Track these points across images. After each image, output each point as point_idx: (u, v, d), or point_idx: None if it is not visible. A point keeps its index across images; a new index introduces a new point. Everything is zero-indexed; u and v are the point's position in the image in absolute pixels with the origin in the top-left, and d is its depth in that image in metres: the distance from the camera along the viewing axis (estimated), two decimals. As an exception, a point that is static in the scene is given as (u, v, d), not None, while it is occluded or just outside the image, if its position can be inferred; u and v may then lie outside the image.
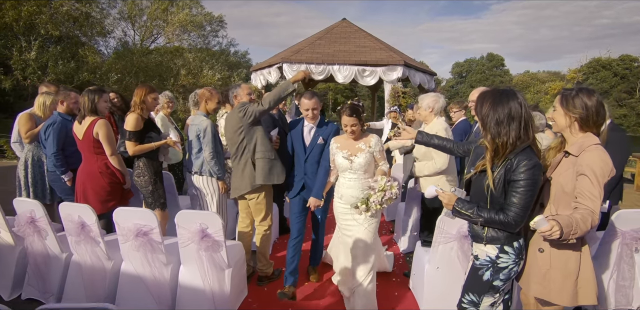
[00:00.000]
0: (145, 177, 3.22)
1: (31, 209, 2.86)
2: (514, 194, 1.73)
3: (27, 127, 3.99)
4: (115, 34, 19.30)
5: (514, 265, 1.83)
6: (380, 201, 2.56)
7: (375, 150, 2.85)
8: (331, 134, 3.08)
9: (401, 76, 8.92)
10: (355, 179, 2.83)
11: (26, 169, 4.01)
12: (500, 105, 1.76)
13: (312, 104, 2.99)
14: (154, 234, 2.66)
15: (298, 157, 3.17)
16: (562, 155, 1.91)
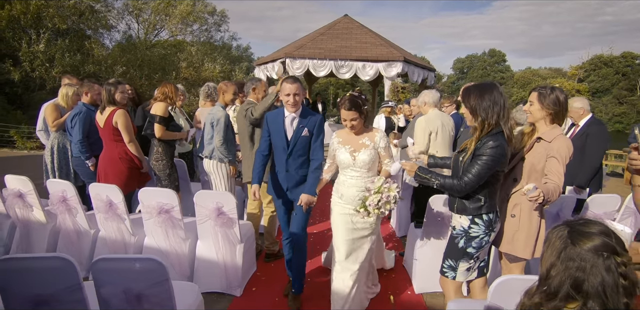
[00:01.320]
0: (163, 161, 3.55)
1: (63, 189, 3.19)
2: (474, 164, 2.07)
3: (53, 116, 4.29)
4: (119, 28, 19.51)
5: (484, 235, 2.16)
6: (377, 204, 2.39)
7: (380, 147, 2.66)
8: (317, 124, 2.80)
9: (401, 72, 9.19)
10: (357, 177, 2.65)
11: (52, 155, 4.33)
12: (486, 94, 2.10)
13: (294, 89, 2.68)
14: (174, 212, 2.99)
15: (278, 152, 2.83)
16: (535, 141, 2.28)
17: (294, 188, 2.84)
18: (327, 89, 38.03)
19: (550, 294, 1.03)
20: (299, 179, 2.83)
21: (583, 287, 1.00)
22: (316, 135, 2.80)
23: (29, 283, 1.66)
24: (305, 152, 2.81)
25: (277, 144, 2.82)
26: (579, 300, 1.00)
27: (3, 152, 11.00)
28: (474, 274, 2.28)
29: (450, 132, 3.84)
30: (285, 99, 2.72)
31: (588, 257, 1.00)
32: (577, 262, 1.01)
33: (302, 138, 2.77)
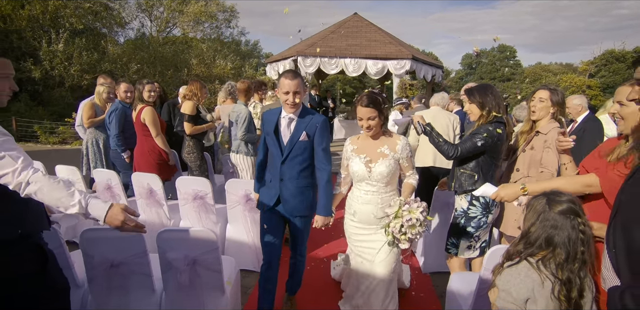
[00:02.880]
0: (194, 154, 3.94)
1: (108, 177, 3.59)
2: (468, 140, 2.45)
3: (88, 114, 4.69)
4: (133, 25, 19.99)
5: (481, 216, 2.50)
6: (400, 230, 2.06)
7: (402, 157, 2.29)
8: (319, 127, 2.35)
9: (409, 69, 9.46)
10: (373, 192, 2.29)
11: (87, 149, 4.76)
12: (488, 91, 2.52)
13: (295, 86, 2.24)
14: (207, 198, 3.37)
15: (272, 157, 2.46)
16: (534, 135, 2.62)
17: (286, 201, 2.42)
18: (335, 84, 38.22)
19: (528, 243, 1.40)
20: (294, 190, 2.41)
21: (554, 239, 1.36)
22: (319, 139, 2.36)
23: (106, 250, 2.04)
24: (304, 160, 2.39)
25: (271, 148, 2.44)
26: (548, 249, 1.35)
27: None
28: (476, 252, 2.62)
29: (450, 127, 4.18)
30: (283, 97, 2.29)
31: (559, 218, 1.36)
32: (551, 222, 1.37)
33: (299, 143, 2.34)
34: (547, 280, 1.34)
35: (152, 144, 4.00)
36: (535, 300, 1.35)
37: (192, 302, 2.16)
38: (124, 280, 2.10)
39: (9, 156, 1.41)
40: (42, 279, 1.59)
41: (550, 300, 1.33)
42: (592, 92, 38.81)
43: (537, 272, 1.36)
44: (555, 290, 1.33)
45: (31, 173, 1.44)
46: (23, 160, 1.45)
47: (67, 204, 1.47)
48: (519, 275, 1.39)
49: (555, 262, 1.35)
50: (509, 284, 1.39)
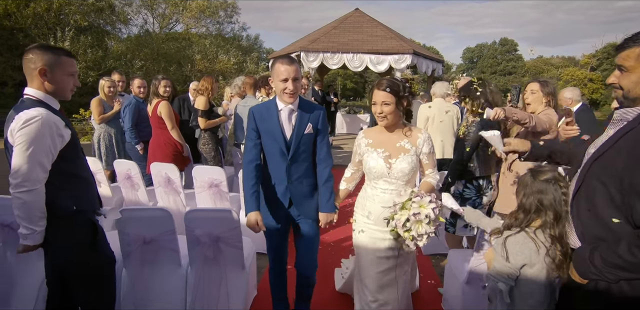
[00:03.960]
0: (209, 145, 4.19)
1: (128, 167, 3.83)
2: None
3: (97, 110, 4.91)
4: (136, 22, 20.15)
5: (476, 198, 2.73)
6: (404, 224, 1.83)
7: (423, 152, 2.09)
8: (321, 117, 2.18)
9: (410, 64, 9.64)
10: (393, 191, 2.07)
11: (99, 142, 5.00)
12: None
13: (293, 71, 2.02)
14: (222, 186, 3.61)
15: (274, 158, 2.19)
16: None
17: (299, 203, 2.21)
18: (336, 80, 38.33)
19: (525, 211, 1.62)
20: (304, 190, 2.21)
21: (544, 202, 1.57)
22: (322, 132, 2.20)
23: (140, 227, 2.29)
24: (309, 155, 2.22)
25: (272, 147, 2.16)
26: (540, 214, 1.56)
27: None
28: (472, 231, 2.86)
29: (453, 118, 4.43)
30: (280, 86, 2.04)
31: (543, 185, 1.58)
32: (537, 188, 1.59)
33: (305, 137, 2.15)
34: (542, 248, 1.56)
35: (167, 136, 4.23)
36: (532, 265, 1.56)
37: (215, 275, 2.41)
38: (155, 255, 2.36)
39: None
40: (93, 249, 1.83)
41: (544, 263, 1.55)
42: (594, 86, 38.78)
43: (534, 241, 1.57)
44: (549, 253, 1.55)
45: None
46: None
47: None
48: (517, 244, 1.59)
49: (548, 227, 1.57)
50: (508, 252, 1.59)
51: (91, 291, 1.87)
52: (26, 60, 1.72)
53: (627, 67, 1.35)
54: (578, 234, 1.48)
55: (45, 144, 1.62)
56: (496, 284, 1.59)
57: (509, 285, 1.58)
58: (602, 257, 1.34)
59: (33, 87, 1.73)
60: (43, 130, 1.61)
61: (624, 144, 1.35)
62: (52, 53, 1.71)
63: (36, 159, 1.61)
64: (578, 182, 1.48)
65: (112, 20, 18.61)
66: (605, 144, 1.43)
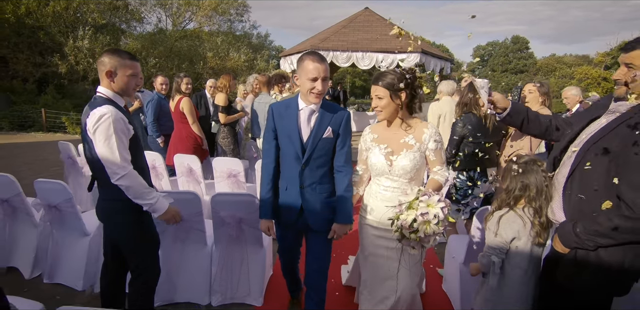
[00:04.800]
0: (228, 139, 4.51)
1: (153, 158, 4.15)
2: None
3: None
4: (149, 20, 20.62)
5: (467, 188, 3.00)
6: (411, 225, 1.71)
7: (429, 149, 2.00)
8: (343, 122, 2.05)
9: (418, 62, 9.83)
10: (395, 189, 2.02)
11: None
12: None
13: (325, 70, 1.91)
14: (240, 176, 3.91)
15: (289, 160, 2.07)
16: None
17: (311, 212, 2.08)
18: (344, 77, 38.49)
19: (512, 192, 1.86)
20: (317, 198, 2.07)
21: (526, 181, 1.81)
22: (343, 137, 2.06)
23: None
24: (327, 161, 2.07)
25: (287, 148, 2.05)
26: (526, 192, 1.80)
27: (58, 136, 12.31)
28: (465, 215, 3.12)
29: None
30: (307, 85, 1.91)
31: (524, 167, 1.83)
32: (519, 171, 1.83)
33: (323, 140, 2.01)
34: (528, 223, 1.81)
35: (189, 130, 4.55)
36: (520, 238, 1.81)
37: (238, 253, 2.71)
38: (185, 234, 2.66)
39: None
40: (142, 229, 2.09)
41: (530, 236, 1.80)
42: (608, 85, 38.26)
43: (521, 218, 1.82)
44: (534, 227, 1.80)
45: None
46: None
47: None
48: (507, 220, 1.84)
49: (531, 202, 1.81)
50: (500, 228, 1.84)
51: (140, 263, 2.13)
52: (99, 62, 1.98)
53: (637, 66, 1.52)
54: (566, 209, 1.70)
55: (119, 135, 1.88)
56: (490, 257, 1.85)
57: (500, 258, 1.82)
58: (584, 226, 1.56)
59: (103, 86, 1.99)
60: (115, 124, 1.87)
61: (620, 131, 1.56)
62: (118, 56, 1.95)
63: (117, 148, 1.87)
64: (574, 163, 1.67)
65: (127, 19, 19.11)
66: (603, 131, 1.63)
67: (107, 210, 2.07)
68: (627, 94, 1.62)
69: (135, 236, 2.09)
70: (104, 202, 2.07)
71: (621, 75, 1.61)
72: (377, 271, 2.07)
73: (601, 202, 1.54)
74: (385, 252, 2.05)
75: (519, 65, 48.18)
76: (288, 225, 2.17)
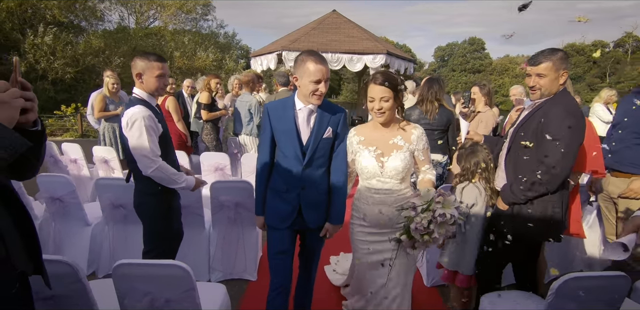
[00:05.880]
0: (211, 135, 4.79)
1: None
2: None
3: (99, 106, 5.31)
4: (110, 18, 20.01)
5: (442, 169, 3.52)
6: (427, 228, 1.69)
7: (418, 149, 2.03)
8: (341, 121, 2.04)
9: (384, 63, 10.45)
10: (386, 191, 2.02)
11: (103, 135, 5.45)
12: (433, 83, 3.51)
13: (327, 72, 1.90)
14: (226, 169, 4.22)
15: (288, 161, 2.02)
16: (476, 114, 3.83)
17: (308, 212, 2.06)
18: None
19: (468, 168, 2.35)
20: (316, 198, 2.07)
21: (476, 159, 2.31)
22: (341, 137, 2.06)
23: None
24: (326, 161, 2.07)
25: (287, 149, 2.01)
26: (479, 167, 2.30)
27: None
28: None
29: None
30: (310, 87, 1.87)
31: (471, 148, 2.34)
32: (468, 152, 2.35)
33: (324, 141, 2.00)
34: (482, 192, 2.32)
35: (174, 128, 4.78)
36: (477, 204, 2.31)
37: (235, 234, 3.05)
38: (185, 218, 2.96)
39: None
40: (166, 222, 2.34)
41: (484, 202, 2.31)
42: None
43: (477, 188, 2.32)
44: (488, 194, 2.31)
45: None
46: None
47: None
48: (467, 191, 2.33)
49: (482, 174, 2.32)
50: (463, 197, 2.31)
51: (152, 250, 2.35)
52: (131, 66, 2.22)
53: (546, 75, 2.08)
54: (507, 175, 2.22)
55: (149, 132, 2.10)
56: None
57: (463, 220, 2.23)
58: (517, 184, 2.08)
59: (137, 87, 2.20)
60: (145, 122, 2.09)
61: (537, 114, 2.11)
62: (146, 59, 2.14)
63: (148, 144, 2.09)
64: (509, 143, 2.22)
65: (85, 15, 18.43)
66: (525, 117, 2.18)
67: (138, 201, 2.32)
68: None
69: (159, 228, 2.32)
70: (137, 194, 2.31)
71: (536, 83, 2.14)
72: (372, 274, 2.04)
73: (529, 168, 2.07)
74: (383, 256, 2.03)
75: (476, 65, 50.80)
76: (287, 227, 2.08)
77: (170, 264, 1.55)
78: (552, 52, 2.10)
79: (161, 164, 2.15)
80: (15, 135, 0.93)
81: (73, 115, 12.36)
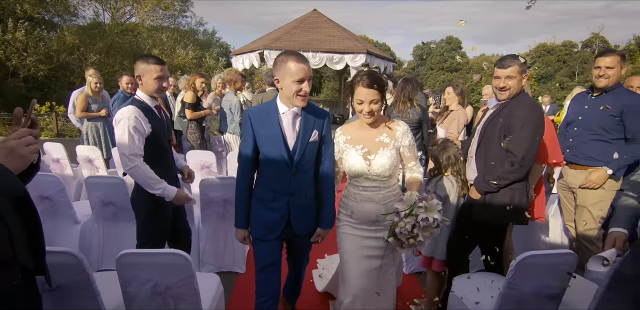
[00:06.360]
0: (195, 134, 4.87)
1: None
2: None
3: (82, 105, 5.28)
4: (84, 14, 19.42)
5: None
6: (410, 232, 1.71)
7: (403, 145, 2.05)
8: (326, 124, 2.02)
9: (364, 62, 10.69)
10: (374, 188, 2.03)
11: (87, 134, 5.43)
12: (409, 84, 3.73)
13: (309, 71, 1.86)
14: (212, 167, 4.32)
15: (275, 167, 1.96)
16: (449, 112, 4.03)
17: (298, 219, 2.02)
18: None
19: (440, 163, 2.55)
20: (305, 204, 2.03)
21: (446, 154, 2.51)
22: (327, 139, 2.04)
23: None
24: (313, 165, 2.04)
25: (273, 155, 1.94)
26: (450, 161, 2.51)
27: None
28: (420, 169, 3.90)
29: None
30: (293, 88, 1.82)
31: (442, 145, 2.55)
32: (440, 149, 2.55)
33: (310, 145, 1.96)
34: (454, 184, 2.52)
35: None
36: (450, 194, 2.52)
37: (223, 229, 3.18)
38: (176, 214, 3.07)
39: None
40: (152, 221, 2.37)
41: (456, 193, 2.52)
42: (529, 82, 42.88)
43: (449, 180, 2.53)
44: (460, 185, 2.52)
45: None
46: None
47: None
48: (442, 184, 2.54)
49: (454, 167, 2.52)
50: (437, 189, 2.52)
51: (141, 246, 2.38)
52: (134, 68, 2.29)
53: (515, 77, 2.32)
54: (478, 167, 2.44)
55: (132, 132, 2.15)
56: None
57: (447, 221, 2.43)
58: (489, 174, 2.31)
59: (139, 88, 2.29)
60: (129, 122, 2.14)
61: (503, 111, 2.35)
62: (145, 62, 2.22)
63: (128, 143, 2.14)
64: (479, 139, 2.44)
65: (57, 11, 17.83)
66: (491, 116, 2.42)
67: (132, 196, 2.41)
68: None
69: (146, 226, 2.40)
70: (134, 188, 2.38)
71: (506, 84, 2.37)
72: (361, 271, 2.03)
73: (499, 159, 2.31)
74: (370, 252, 2.04)
75: (453, 64, 51.98)
76: (275, 238, 2.01)
77: (171, 252, 1.68)
78: (515, 57, 2.36)
79: (138, 164, 2.18)
80: (16, 181, 1.02)
81: (47, 114, 12.03)
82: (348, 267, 2.06)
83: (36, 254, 1.23)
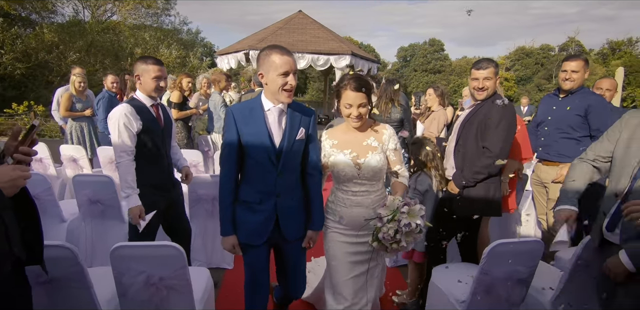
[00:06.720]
0: (182, 133, 4.89)
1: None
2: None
3: (66, 105, 5.24)
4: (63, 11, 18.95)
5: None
6: (393, 237, 1.71)
7: (389, 148, 2.04)
8: (312, 122, 1.96)
9: (349, 63, 10.84)
10: (363, 192, 1.99)
11: (71, 134, 5.39)
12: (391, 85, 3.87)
13: (294, 63, 1.79)
14: (199, 166, 4.36)
15: (259, 167, 1.88)
16: (430, 112, 4.16)
17: (286, 221, 1.94)
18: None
19: (418, 160, 2.69)
20: (293, 205, 1.96)
21: (424, 151, 2.65)
22: (313, 138, 1.98)
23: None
24: (299, 165, 1.96)
25: (259, 154, 1.85)
26: (428, 160, 2.64)
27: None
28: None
29: None
30: (279, 82, 1.75)
31: (417, 143, 2.69)
32: (416, 147, 2.69)
33: (297, 143, 1.89)
34: (434, 179, 2.66)
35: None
36: (429, 189, 2.65)
37: (212, 226, 3.24)
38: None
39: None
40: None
41: (435, 187, 2.65)
42: (508, 84, 44.07)
43: (429, 176, 2.67)
44: (438, 180, 2.65)
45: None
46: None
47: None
48: (422, 179, 2.68)
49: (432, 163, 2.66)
50: (417, 185, 2.66)
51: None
52: (133, 68, 2.36)
53: (490, 78, 2.47)
54: (456, 163, 2.58)
55: (121, 129, 2.23)
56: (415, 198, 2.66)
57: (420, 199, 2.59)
58: (468, 169, 2.46)
59: (138, 88, 2.36)
60: (120, 120, 2.22)
61: (479, 112, 2.51)
62: (144, 62, 2.29)
63: (118, 140, 2.23)
64: (457, 137, 2.59)
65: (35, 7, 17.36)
66: (469, 115, 2.56)
67: None
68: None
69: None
70: None
71: (484, 85, 2.52)
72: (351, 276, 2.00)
73: (476, 155, 2.46)
74: (358, 257, 2.01)
75: (436, 66, 52.90)
76: (263, 243, 1.93)
77: (164, 245, 1.75)
78: (491, 60, 2.53)
79: (123, 162, 2.27)
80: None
81: (26, 113, 11.73)
82: (337, 273, 2.02)
83: (33, 245, 1.29)
